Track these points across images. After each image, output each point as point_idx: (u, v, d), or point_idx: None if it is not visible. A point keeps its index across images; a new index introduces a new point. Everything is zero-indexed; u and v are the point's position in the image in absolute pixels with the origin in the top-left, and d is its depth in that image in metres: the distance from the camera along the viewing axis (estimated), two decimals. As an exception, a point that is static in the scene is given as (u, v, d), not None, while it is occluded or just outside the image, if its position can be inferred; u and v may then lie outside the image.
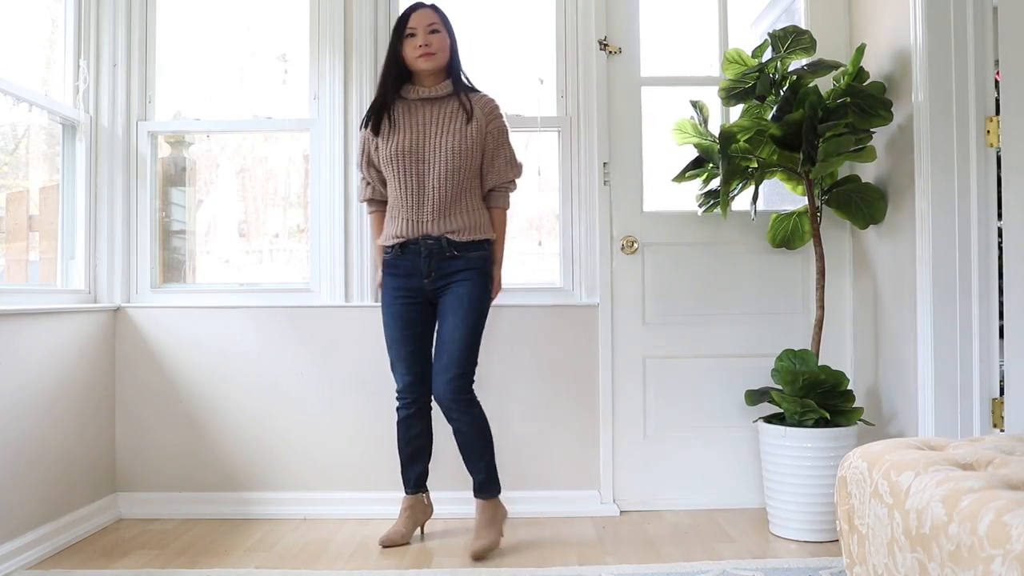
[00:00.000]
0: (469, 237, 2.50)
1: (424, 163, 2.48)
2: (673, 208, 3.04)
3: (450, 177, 2.47)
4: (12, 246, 2.75)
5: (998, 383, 2.40)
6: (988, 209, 2.39)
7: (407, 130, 2.49)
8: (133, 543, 2.62)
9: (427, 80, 2.54)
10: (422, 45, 2.47)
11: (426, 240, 2.49)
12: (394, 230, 2.53)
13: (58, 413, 2.61)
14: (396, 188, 2.52)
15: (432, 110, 2.52)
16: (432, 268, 2.49)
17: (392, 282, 2.55)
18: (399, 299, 2.54)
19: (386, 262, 2.57)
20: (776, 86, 2.68)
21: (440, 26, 2.51)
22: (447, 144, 2.47)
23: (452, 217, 2.49)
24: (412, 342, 2.54)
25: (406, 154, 2.47)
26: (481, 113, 2.53)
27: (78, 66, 2.98)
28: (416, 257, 2.50)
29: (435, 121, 2.50)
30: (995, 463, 1.42)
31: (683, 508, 2.94)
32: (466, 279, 2.49)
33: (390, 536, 2.56)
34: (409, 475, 2.62)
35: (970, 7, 2.40)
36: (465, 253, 2.50)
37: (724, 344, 2.99)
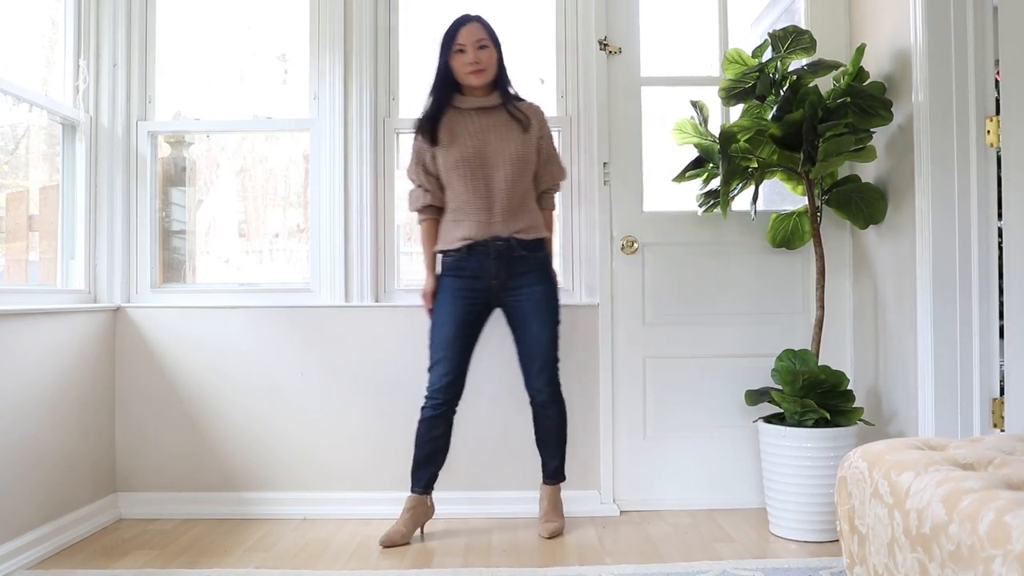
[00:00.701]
0: (535, 235, 2.64)
1: (489, 168, 2.59)
2: (673, 208, 3.04)
3: (514, 181, 2.60)
4: (12, 246, 2.75)
5: (998, 383, 2.40)
6: (988, 209, 2.39)
7: (468, 138, 2.60)
8: (133, 543, 2.62)
9: (477, 91, 2.65)
10: (472, 62, 2.57)
11: (495, 241, 2.59)
12: (461, 233, 2.60)
13: (58, 413, 2.61)
14: (463, 193, 2.60)
15: (488, 118, 2.64)
16: (502, 269, 2.60)
17: (455, 283, 2.62)
18: (461, 299, 2.61)
19: (449, 264, 2.65)
20: (776, 86, 2.68)
21: (488, 41, 2.61)
22: (510, 150, 2.59)
23: (518, 218, 2.61)
24: (463, 342, 2.62)
25: (471, 160, 2.58)
26: (535, 121, 2.67)
27: (78, 66, 2.98)
28: (484, 259, 2.60)
29: (493, 129, 2.62)
30: (995, 463, 1.42)
31: (683, 508, 2.94)
32: (537, 281, 2.63)
33: (390, 536, 2.56)
34: (421, 475, 2.65)
35: (970, 7, 2.40)
36: (532, 253, 2.63)
37: (724, 344, 2.99)
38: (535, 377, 2.65)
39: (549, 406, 2.67)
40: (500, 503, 2.88)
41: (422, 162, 2.66)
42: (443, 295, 2.64)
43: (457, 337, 2.61)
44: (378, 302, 2.99)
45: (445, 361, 2.60)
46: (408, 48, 3.07)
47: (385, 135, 3.02)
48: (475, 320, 2.65)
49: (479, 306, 2.64)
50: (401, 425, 2.92)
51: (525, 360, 2.66)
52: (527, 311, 2.62)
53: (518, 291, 2.62)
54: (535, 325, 2.62)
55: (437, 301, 2.66)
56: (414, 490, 2.64)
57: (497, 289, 2.62)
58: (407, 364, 2.92)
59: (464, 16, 2.62)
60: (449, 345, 2.60)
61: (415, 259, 3.31)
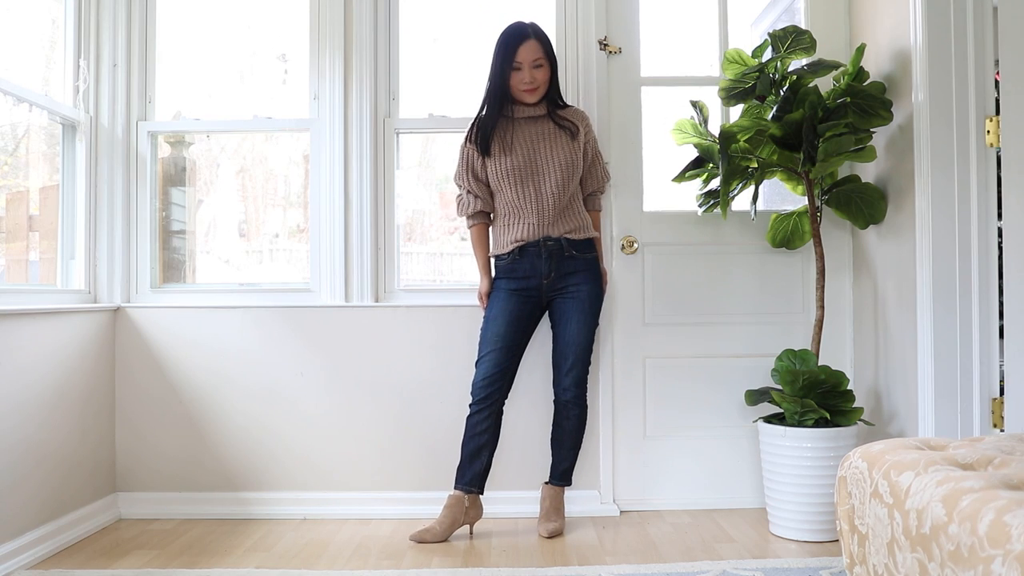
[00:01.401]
0: (584, 235, 2.71)
1: (539, 175, 2.67)
2: (673, 208, 3.04)
3: (563, 186, 2.67)
4: (12, 246, 2.75)
5: (998, 383, 2.40)
6: (988, 209, 2.39)
7: (520, 147, 2.67)
8: (133, 543, 2.62)
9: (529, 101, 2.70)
10: (528, 82, 2.64)
11: (546, 241, 2.66)
12: (513, 236, 2.68)
13: (58, 413, 2.61)
14: (514, 199, 2.67)
15: (538, 127, 2.70)
16: (552, 268, 2.67)
17: (508, 284, 2.71)
18: (513, 296, 2.68)
19: (502, 268, 2.71)
20: (776, 86, 2.68)
21: (544, 60, 2.66)
22: (559, 158, 2.67)
23: (567, 219, 2.69)
24: (514, 337, 2.67)
25: (522, 169, 2.66)
26: (582, 128, 2.73)
27: (78, 66, 2.98)
28: (536, 259, 2.67)
29: (543, 137, 2.69)
30: (995, 463, 1.42)
31: (683, 508, 2.94)
32: (584, 281, 2.69)
33: (420, 532, 2.59)
34: (467, 471, 2.64)
35: (970, 7, 2.40)
36: (582, 253, 2.70)
37: (724, 344, 2.99)
38: (565, 375, 2.69)
39: (572, 407, 2.70)
40: (500, 503, 2.88)
41: (472, 169, 2.72)
42: (496, 294, 2.71)
43: (508, 333, 2.65)
44: (378, 302, 2.99)
45: (493, 354, 2.64)
46: (408, 48, 3.07)
47: (385, 135, 3.02)
48: (526, 317, 2.70)
49: (531, 304, 2.70)
50: (402, 425, 2.93)
51: (558, 357, 2.71)
52: (571, 309, 2.68)
53: (566, 289, 2.69)
54: (575, 324, 2.67)
55: (490, 300, 2.72)
56: (457, 486, 2.65)
57: (547, 288, 2.69)
58: (407, 364, 2.92)
59: (523, 30, 2.64)
60: (500, 339, 2.65)
61: (415, 259, 3.32)
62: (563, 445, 2.74)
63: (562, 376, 2.70)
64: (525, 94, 2.66)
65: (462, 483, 2.65)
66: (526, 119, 2.70)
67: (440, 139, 3.27)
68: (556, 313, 2.72)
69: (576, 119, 2.73)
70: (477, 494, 2.66)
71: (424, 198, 3.28)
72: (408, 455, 2.92)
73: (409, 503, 2.89)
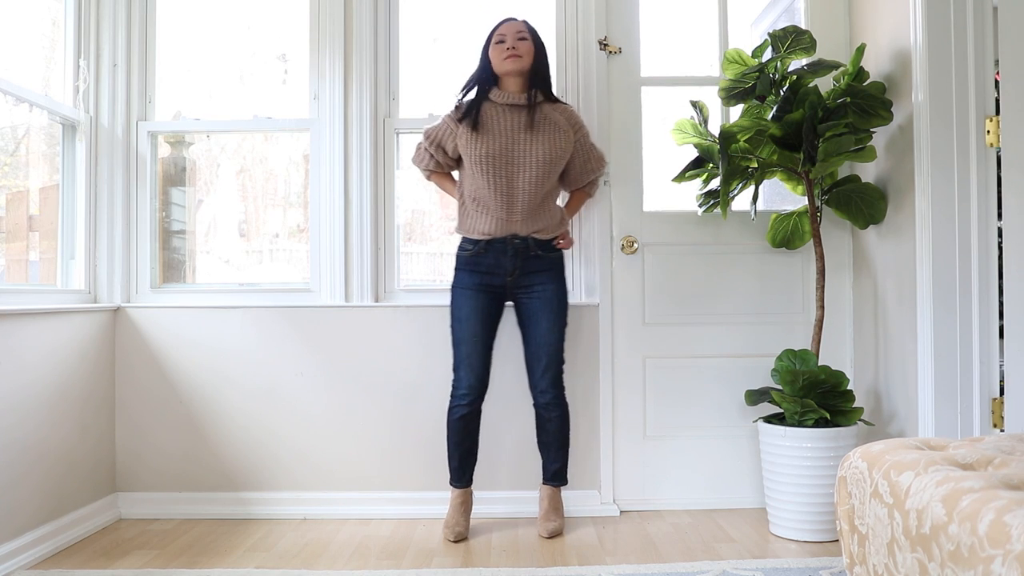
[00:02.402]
0: (551, 235, 2.67)
1: (514, 166, 2.59)
2: (673, 208, 3.04)
3: (538, 182, 2.60)
4: (12, 246, 2.75)
5: (998, 383, 2.40)
6: (988, 209, 2.39)
7: (497, 134, 2.60)
8: (133, 543, 2.62)
9: (513, 85, 2.64)
10: (509, 48, 2.59)
11: (513, 239, 2.62)
12: (483, 226, 2.62)
13: (58, 413, 2.61)
14: (485, 188, 2.60)
15: (521, 116, 2.62)
16: (517, 266, 2.63)
17: (471, 278, 2.65)
18: (481, 295, 2.65)
19: (465, 258, 2.66)
20: (776, 86, 2.68)
21: (527, 35, 2.64)
22: (537, 152, 2.59)
23: (538, 218, 2.64)
24: (488, 337, 2.67)
25: (497, 157, 2.58)
26: (568, 124, 2.67)
27: (78, 66, 2.98)
28: (501, 255, 2.63)
29: (524, 128, 2.61)
30: (995, 463, 1.42)
31: (683, 508, 2.94)
32: (549, 280, 2.66)
33: (459, 531, 2.63)
34: (464, 470, 2.71)
35: (970, 7, 2.40)
36: (547, 253, 2.66)
37: (724, 344, 2.99)
38: (540, 376, 2.66)
39: (553, 408, 2.68)
40: (500, 503, 2.88)
41: (440, 138, 2.66)
42: (461, 291, 2.66)
43: (481, 334, 2.65)
44: (378, 302, 2.99)
45: (473, 356, 2.64)
46: (408, 48, 3.07)
47: (385, 135, 3.02)
48: (495, 314, 2.69)
49: (497, 300, 2.68)
50: (402, 425, 2.93)
51: (531, 359, 2.68)
52: (539, 309, 2.65)
53: (531, 289, 2.65)
54: (545, 324, 2.64)
55: (455, 297, 2.68)
56: (459, 485, 2.71)
57: (511, 286, 2.65)
58: (407, 364, 2.92)
59: (510, 17, 2.69)
60: (477, 340, 2.64)
61: (415, 259, 3.31)
62: (551, 447, 2.72)
63: (538, 378, 2.67)
64: (507, 61, 2.58)
65: (463, 482, 2.71)
66: (511, 106, 2.62)
67: (440, 139, 3.26)
68: (524, 314, 2.69)
69: (564, 115, 2.68)
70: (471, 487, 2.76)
71: (424, 198, 3.28)
72: (408, 455, 2.92)
73: (409, 503, 2.90)
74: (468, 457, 2.71)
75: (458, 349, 2.66)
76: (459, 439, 2.68)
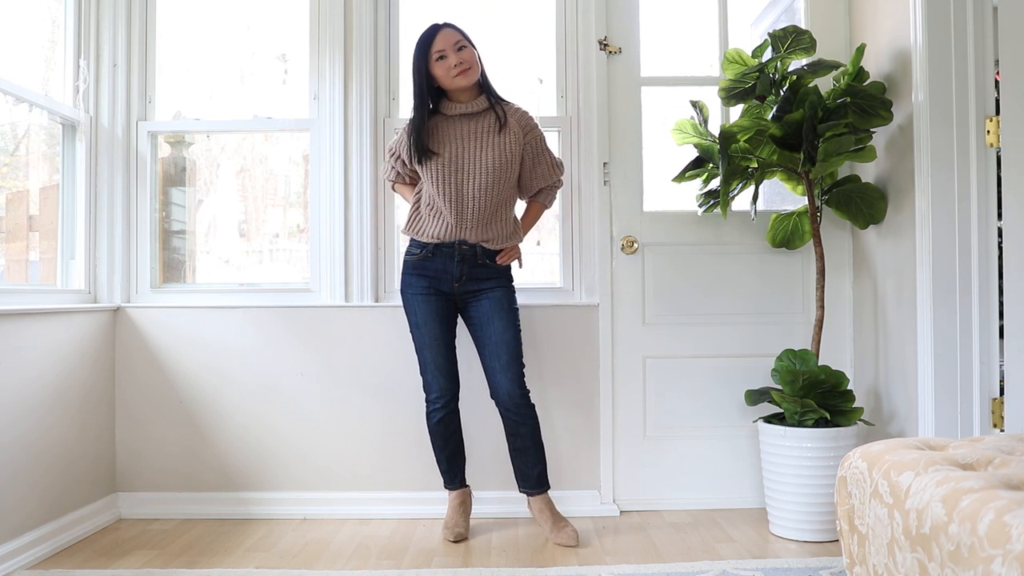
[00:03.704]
0: (500, 245, 2.61)
1: (463, 174, 2.55)
2: (673, 208, 3.04)
3: (489, 189, 2.55)
4: (12, 246, 2.75)
5: (998, 383, 2.40)
6: (988, 209, 2.39)
7: (446, 144, 2.56)
8: (133, 543, 2.62)
9: (463, 96, 2.59)
10: (456, 64, 2.51)
11: (461, 245, 2.58)
12: (433, 230, 2.58)
13: (58, 413, 2.61)
14: (435, 196, 2.57)
15: (470, 125, 2.59)
16: (463, 272, 2.59)
17: (420, 282, 2.62)
18: (432, 299, 2.62)
19: (413, 263, 2.63)
20: (776, 86, 2.68)
21: (465, 42, 2.55)
22: (486, 158, 2.55)
23: (489, 227, 2.59)
24: (448, 338, 2.64)
25: (446, 167, 2.54)
26: (517, 126, 2.61)
27: (78, 66, 2.98)
28: (448, 260, 2.59)
29: (474, 135, 2.57)
30: (995, 463, 1.42)
31: (683, 508, 2.94)
32: (497, 286, 2.62)
33: (458, 532, 2.63)
34: (455, 471, 2.71)
35: (970, 7, 2.40)
36: (494, 263, 2.62)
37: (724, 344, 2.99)
38: (502, 375, 2.56)
39: (522, 408, 2.57)
40: (500, 503, 2.88)
41: (398, 151, 2.66)
42: (413, 297, 2.62)
43: (442, 336, 2.62)
44: (378, 302, 2.99)
45: (440, 357, 2.62)
46: (408, 48, 3.07)
47: (385, 135, 3.02)
48: (451, 317, 2.65)
49: (449, 305, 2.64)
50: (402, 425, 2.93)
51: (490, 358, 2.58)
52: (490, 308, 2.59)
53: (479, 294, 2.61)
54: (498, 323, 2.57)
55: (408, 303, 2.64)
56: (453, 487, 2.71)
57: (459, 291, 2.60)
58: (407, 364, 2.92)
59: (433, 25, 2.56)
60: (438, 342, 2.61)
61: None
62: (528, 451, 2.61)
63: (500, 377, 2.56)
64: (459, 78, 2.51)
65: (455, 483, 2.72)
66: (461, 116, 2.58)
67: (440, 139, 3.26)
68: (475, 317, 2.61)
69: (513, 116, 2.60)
70: (468, 486, 2.76)
71: (424, 198, 3.27)
72: (408, 455, 2.92)
73: (409, 503, 2.90)
74: (456, 458, 2.70)
75: (422, 354, 2.63)
76: (443, 442, 2.66)
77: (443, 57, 2.52)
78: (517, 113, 2.63)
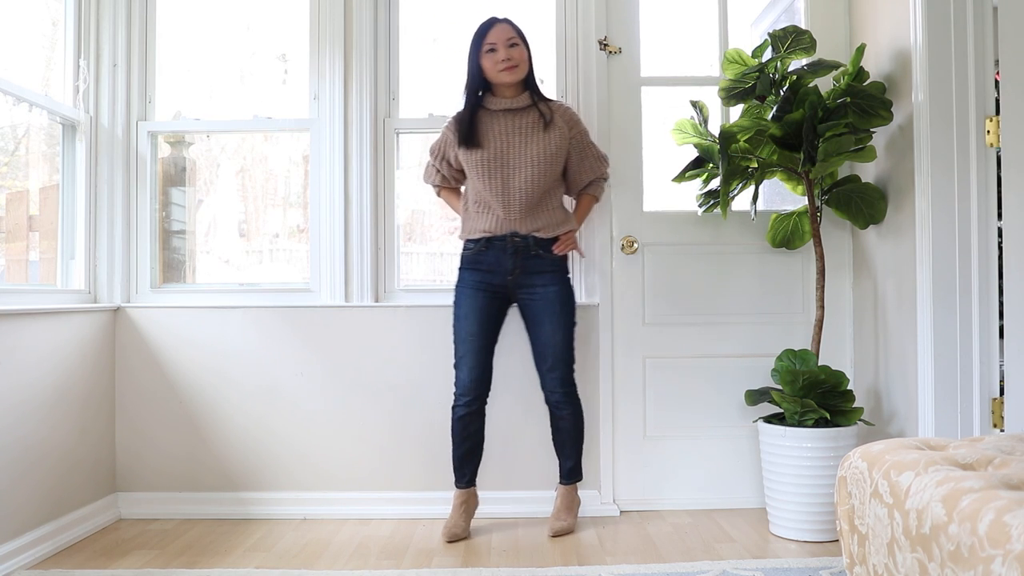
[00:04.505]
0: (552, 233, 2.65)
1: (509, 169, 2.61)
2: (673, 208, 3.04)
3: (535, 182, 2.60)
4: (12, 246, 2.75)
5: (998, 383, 2.40)
6: (988, 209, 2.39)
7: (492, 140, 2.62)
8: (133, 543, 2.62)
9: (507, 91, 2.65)
10: (504, 59, 2.58)
11: (513, 237, 2.62)
12: (483, 225, 2.64)
13: (58, 413, 2.61)
14: (483, 191, 2.63)
15: (515, 120, 2.64)
16: (517, 265, 2.63)
17: (473, 276, 2.66)
18: (481, 293, 2.65)
19: (467, 258, 2.68)
20: (776, 86, 2.68)
21: (518, 40, 2.63)
22: (531, 153, 2.60)
23: (537, 216, 2.64)
24: (487, 336, 2.66)
25: (492, 161, 2.61)
26: (562, 121, 2.67)
27: (78, 66, 2.98)
28: (501, 254, 2.63)
29: (519, 131, 2.63)
30: (995, 463, 1.42)
31: (683, 508, 2.94)
32: (552, 282, 2.65)
33: (453, 531, 2.62)
34: (466, 471, 2.71)
35: (970, 7, 2.40)
36: (548, 253, 2.65)
37: (724, 344, 2.99)
38: (547, 376, 2.67)
39: (563, 407, 2.68)
40: (500, 503, 2.88)
41: (444, 151, 2.72)
42: (463, 289, 2.68)
43: (481, 332, 2.64)
44: (378, 302, 2.99)
45: (471, 355, 2.64)
46: (408, 48, 3.07)
47: (385, 135, 3.02)
48: (496, 314, 2.68)
49: (499, 300, 2.68)
50: (402, 425, 2.93)
51: (538, 359, 2.69)
52: (541, 311, 2.64)
53: (533, 290, 2.65)
54: (548, 325, 2.64)
55: (457, 296, 2.69)
56: (460, 486, 2.70)
57: (512, 286, 2.65)
58: (407, 364, 2.92)
59: (492, 18, 2.65)
60: (475, 337, 2.64)
61: (415, 259, 3.32)
62: (564, 445, 2.73)
63: (544, 377, 2.67)
64: (503, 74, 2.59)
65: (464, 482, 2.71)
66: (505, 111, 2.64)
67: (440, 139, 3.26)
68: (527, 316, 2.69)
69: (558, 112, 2.67)
70: (475, 487, 2.75)
71: (424, 198, 3.28)
72: (408, 455, 2.93)
73: (409, 503, 2.90)
74: (469, 458, 2.70)
75: (456, 347, 2.68)
76: (459, 439, 2.68)
77: (493, 50, 2.60)
78: (560, 109, 2.69)
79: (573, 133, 2.68)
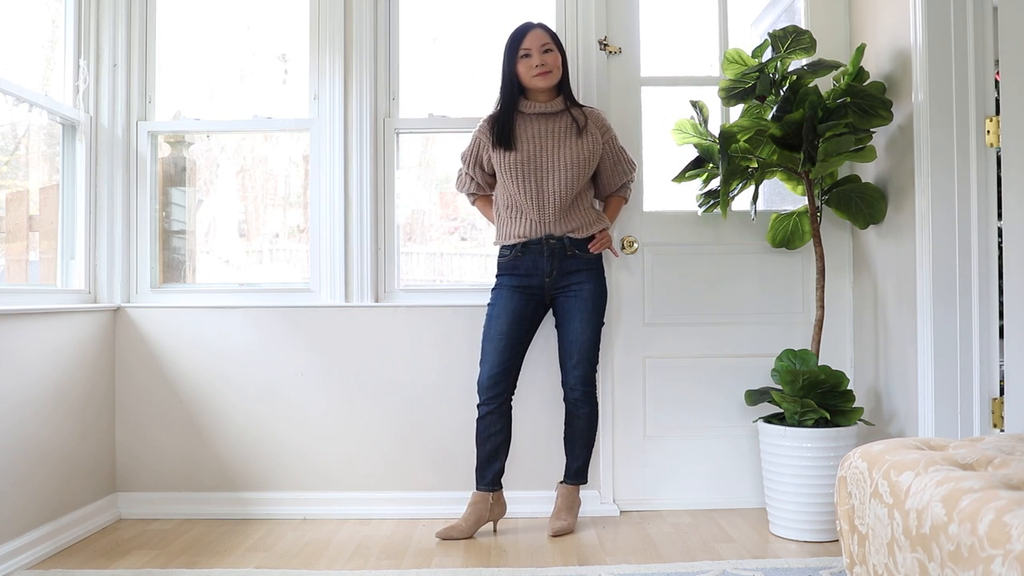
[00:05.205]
0: (587, 232, 2.68)
1: (543, 172, 2.63)
2: (673, 208, 3.04)
3: (568, 185, 2.63)
4: (12, 246, 2.75)
5: (998, 383, 2.40)
6: (988, 209, 2.39)
7: (526, 143, 2.65)
8: (133, 543, 2.62)
9: (541, 96, 2.69)
10: (538, 65, 2.61)
11: (549, 240, 2.65)
12: (517, 230, 2.67)
13: (58, 413, 2.61)
14: (516, 195, 2.65)
15: (549, 124, 2.67)
16: (554, 267, 2.66)
17: (510, 280, 2.69)
18: (517, 294, 2.67)
19: (505, 264, 2.70)
20: (776, 86, 2.68)
21: (552, 45, 2.66)
22: (565, 157, 2.63)
23: (571, 217, 2.67)
24: (516, 336, 2.67)
25: (525, 164, 2.63)
26: (595, 127, 2.70)
27: (78, 66, 2.98)
28: (538, 256, 2.66)
29: (552, 135, 2.66)
30: (995, 463, 1.42)
31: (683, 508, 2.94)
32: (587, 280, 2.68)
33: (447, 529, 2.62)
34: (486, 472, 2.69)
35: (970, 7, 2.40)
36: (584, 252, 2.68)
37: (724, 344, 2.99)
38: (570, 372, 2.68)
39: (581, 405, 2.69)
40: (500, 503, 2.88)
41: (478, 157, 2.72)
42: (500, 291, 2.70)
43: (510, 332, 2.65)
44: (378, 302, 2.99)
45: (496, 353, 2.65)
46: (408, 48, 3.07)
47: (385, 135, 3.02)
48: (529, 316, 2.69)
49: (534, 302, 2.69)
50: (401, 425, 2.93)
51: (563, 355, 2.70)
52: (573, 307, 2.67)
53: (568, 289, 2.68)
54: (579, 323, 2.66)
55: (493, 297, 2.71)
56: (479, 487, 2.69)
57: (550, 287, 2.67)
58: (407, 364, 2.92)
59: (527, 23, 2.67)
60: (503, 336, 2.65)
61: (415, 259, 3.32)
62: (574, 444, 2.73)
63: (568, 374, 2.69)
64: (538, 79, 2.62)
65: (484, 483, 2.69)
66: (538, 115, 2.67)
67: (440, 139, 3.27)
68: (559, 312, 2.71)
69: (591, 118, 2.70)
70: (500, 491, 2.71)
71: (424, 198, 3.28)
72: (408, 455, 2.92)
73: (409, 503, 2.90)
74: (489, 459, 2.68)
75: (483, 346, 2.69)
76: (481, 440, 2.68)
77: (527, 56, 2.63)
78: (593, 114, 2.72)
79: (606, 139, 2.71)
